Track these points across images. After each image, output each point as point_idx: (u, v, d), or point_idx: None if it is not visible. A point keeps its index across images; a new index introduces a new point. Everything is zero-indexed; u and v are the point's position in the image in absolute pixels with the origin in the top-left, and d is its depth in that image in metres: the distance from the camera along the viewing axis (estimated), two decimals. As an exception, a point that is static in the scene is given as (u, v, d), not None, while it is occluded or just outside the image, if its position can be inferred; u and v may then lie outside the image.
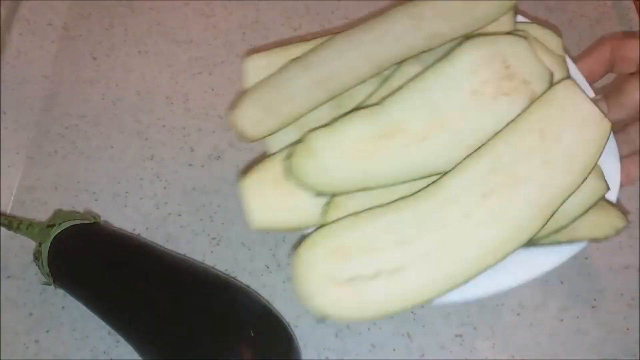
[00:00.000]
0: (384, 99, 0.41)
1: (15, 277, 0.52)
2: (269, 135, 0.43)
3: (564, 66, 0.44)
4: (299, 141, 0.41)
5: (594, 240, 0.41)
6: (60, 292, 0.50)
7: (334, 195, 0.40)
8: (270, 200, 0.41)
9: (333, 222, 0.39)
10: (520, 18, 0.48)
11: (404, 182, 0.40)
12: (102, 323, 0.48)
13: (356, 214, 0.39)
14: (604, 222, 0.42)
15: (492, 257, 0.38)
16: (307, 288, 0.37)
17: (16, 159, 0.57)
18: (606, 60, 0.48)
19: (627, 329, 0.51)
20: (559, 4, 0.69)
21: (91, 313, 0.48)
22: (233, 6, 0.68)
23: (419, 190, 0.40)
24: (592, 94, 0.46)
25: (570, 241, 0.41)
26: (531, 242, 0.39)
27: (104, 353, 0.49)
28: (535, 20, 0.48)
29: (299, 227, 0.41)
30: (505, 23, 0.45)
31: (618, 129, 0.47)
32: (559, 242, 0.41)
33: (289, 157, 0.40)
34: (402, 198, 0.39)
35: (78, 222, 0.50)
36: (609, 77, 0.51)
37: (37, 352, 0.49)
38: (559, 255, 0.41)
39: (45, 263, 0.48)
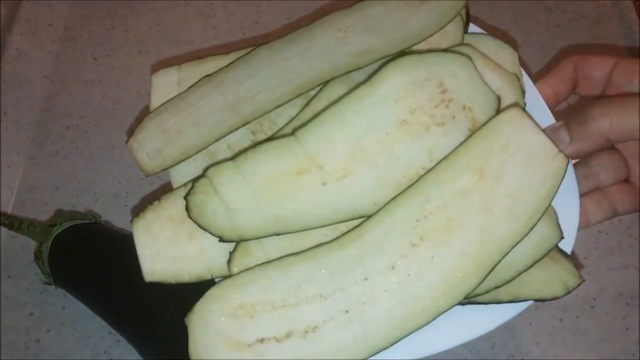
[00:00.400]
0: (297, 128, 0.35)
1: (16, 277, 0.52)
2: (169, 167, 0.37)
3: (518, 86, 0.38)
4: (201, 176, 0.34)
5: (540, 300, 0.35)
6: (61, 291, 0.51)
7: (241, 240, 0.34)
8: (164, 246, 0.34)
9: (238, 273, 0.33)
10: (472, 28, 0.41)
11: (321, 227, 0.34)
12: (102, 323, 0.48)
13: (265, 263, 0.33)
14: (554, 279, 0.35)
15: (422, 316, 0.32)
16: (202, 352, 0.32)
17: (17, 159, 0.58)
18: (570, 79, 0.41)
19: (627, 329, 0.51)
20: (559, 4, 0.69)
21: (92, 313, 0.49)
22: (233, 7, 0.68)
23: (338, 237, 0.34)
24: (552, 120, 0.39)
25: (512, 300, 0.35)
26: (467, 300, 0.34)
27: (104, 353, 0.49)
28: (491, 30, 0.42)
29: (201, 278, 0.35)
30: (450, 35, 0.38)
31: (579, 161, 0.40)
32: (499, 301, 0.35)
33: (189, 193, 0.34)
34: (319, 245, 0.33)
35: (79, 222, 0.50)
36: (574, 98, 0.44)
37: (37, 352, 0.49)
38: (499, 315, 0.35)
39: (46, 263, 0.48)
